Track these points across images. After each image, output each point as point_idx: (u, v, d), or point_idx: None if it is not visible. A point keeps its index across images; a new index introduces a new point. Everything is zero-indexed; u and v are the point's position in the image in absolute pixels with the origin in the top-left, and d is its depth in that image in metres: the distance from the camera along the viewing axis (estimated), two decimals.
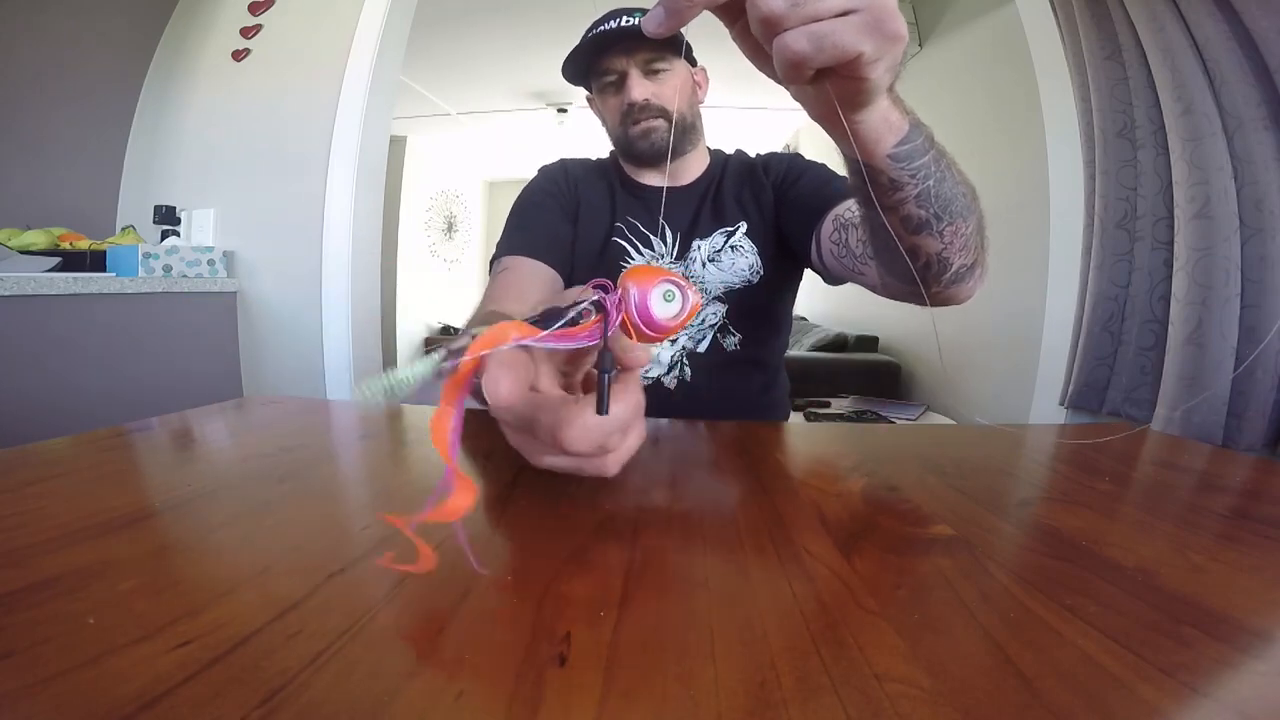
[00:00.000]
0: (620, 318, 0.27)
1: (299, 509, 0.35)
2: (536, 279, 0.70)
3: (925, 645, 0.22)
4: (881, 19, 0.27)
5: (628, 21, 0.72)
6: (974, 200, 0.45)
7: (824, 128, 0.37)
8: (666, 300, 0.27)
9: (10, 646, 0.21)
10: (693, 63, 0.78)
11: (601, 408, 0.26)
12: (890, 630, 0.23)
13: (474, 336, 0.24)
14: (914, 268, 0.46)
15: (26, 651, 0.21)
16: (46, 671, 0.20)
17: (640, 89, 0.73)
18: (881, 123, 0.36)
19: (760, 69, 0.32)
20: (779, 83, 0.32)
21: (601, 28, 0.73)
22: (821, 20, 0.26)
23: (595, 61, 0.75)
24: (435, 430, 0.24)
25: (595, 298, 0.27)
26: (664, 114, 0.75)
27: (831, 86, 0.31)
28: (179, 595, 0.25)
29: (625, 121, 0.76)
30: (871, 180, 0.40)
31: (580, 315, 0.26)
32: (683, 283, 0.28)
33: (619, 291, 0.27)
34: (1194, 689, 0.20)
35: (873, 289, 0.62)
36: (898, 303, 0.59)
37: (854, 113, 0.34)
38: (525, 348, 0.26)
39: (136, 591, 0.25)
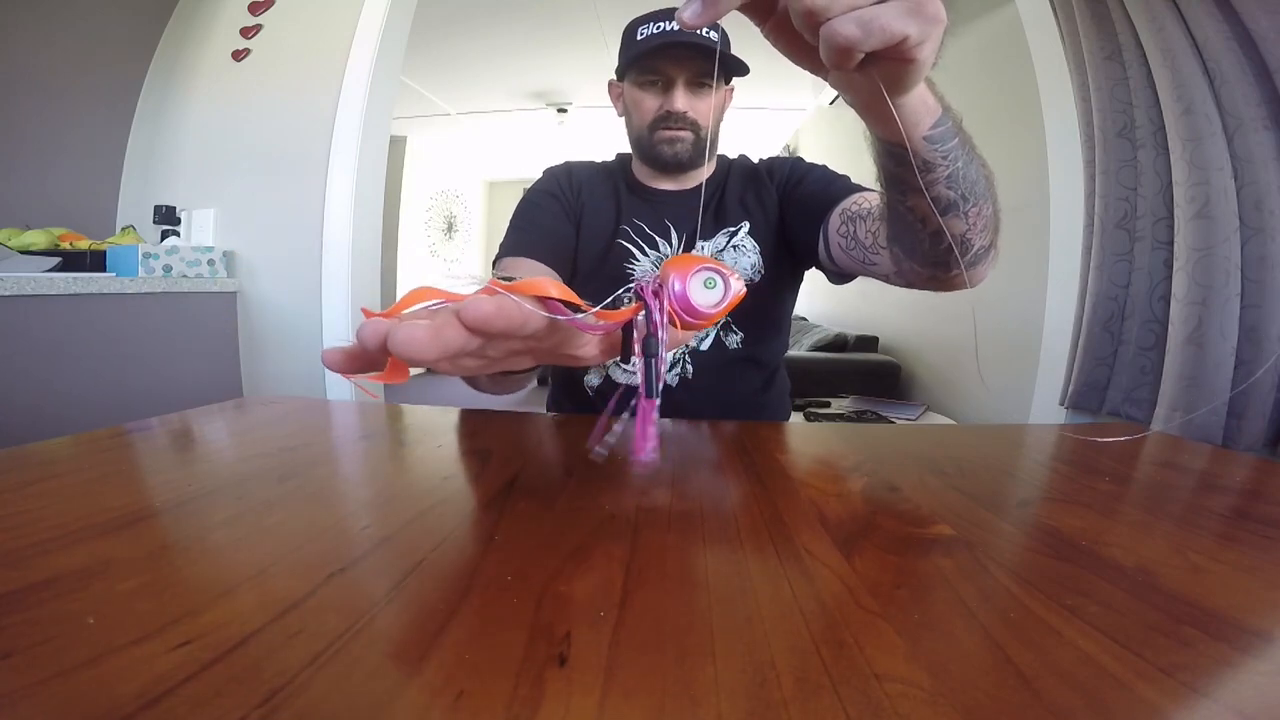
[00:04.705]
0: (664, 304, 0.28)
1: (299, 509, 0.35)
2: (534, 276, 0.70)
3: (925, 645, 0.22)
4: (922, 2, 0.28)
5: None
6: (992, 183, 0.47)
7: (863, 114, 0.38)
8: (707, 287, 0.28)
9: (10, 646, 0.21)
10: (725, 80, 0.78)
11: (651, 391, 0.26)
12: (890, 630, 0.23)
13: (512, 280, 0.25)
14: (938, 250, 0.48)
15: (26, 651, 0.21)
16: (46, 671, 0.19)
17: (684, 100, 0.73)
18: (920, 105, 0.37)
19: (797, 63, 0.33)
20: (815, 73, 0.33)
21: (663, 24, 0.71)
22: (862, 7, 0.28)
23: (643, 57, 0.73)
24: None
25: (634, 285, 0.28)
26: (695, 127, 0.75)
27: (878, 71, 0.32)
28: (179, 595, 0.25)
29: (656, 126, 0.75)
30: (905, 163, 0.41)
31: (624, 301, 0.27)
32: (725, 270, 0.28)
33: (658, 280, 0.28)
34: (1194, 689, 0.20)
35: (884, 278, 0.62)
36: (897, 305, 0.59)
37: (898, 96, 0.35)
38: (552, 313, 0.25)
39: (136, 591, 0.25)
